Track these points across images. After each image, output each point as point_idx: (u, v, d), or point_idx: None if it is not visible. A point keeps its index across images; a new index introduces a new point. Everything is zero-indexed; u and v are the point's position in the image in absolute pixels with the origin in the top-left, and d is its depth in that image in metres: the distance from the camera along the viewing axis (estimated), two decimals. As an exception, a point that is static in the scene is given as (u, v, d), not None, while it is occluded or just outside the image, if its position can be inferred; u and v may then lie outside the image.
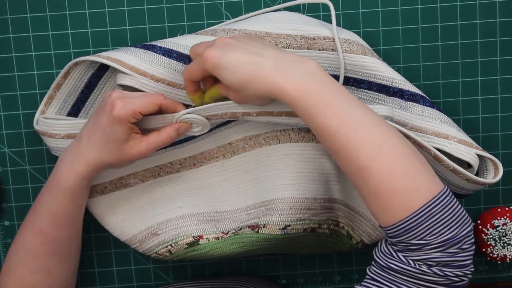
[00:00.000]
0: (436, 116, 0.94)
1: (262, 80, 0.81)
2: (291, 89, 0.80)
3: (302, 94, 0.80)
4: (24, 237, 0.93)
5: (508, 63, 1.01)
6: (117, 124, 0.86)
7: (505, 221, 1.01)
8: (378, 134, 0.78)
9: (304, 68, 0.81)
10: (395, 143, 0.78)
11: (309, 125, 0.81)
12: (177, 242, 0.97)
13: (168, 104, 0.89)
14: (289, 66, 0.81)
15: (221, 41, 0.84)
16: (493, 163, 0.93)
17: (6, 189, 1.04)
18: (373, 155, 0.77)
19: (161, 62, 0.92)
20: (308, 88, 0.80)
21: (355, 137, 0.78)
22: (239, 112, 0.89)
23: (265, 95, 0.82)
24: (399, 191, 0.76)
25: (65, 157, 0.91)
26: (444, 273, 0.75)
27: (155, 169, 0.99)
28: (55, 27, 1.00)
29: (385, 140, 0.78)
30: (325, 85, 0.80)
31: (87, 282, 1.06)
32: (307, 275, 1.07)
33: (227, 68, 0.82)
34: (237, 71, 0.82)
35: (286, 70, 0.81)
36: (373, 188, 0.77)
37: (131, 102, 0.87)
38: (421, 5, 1.00)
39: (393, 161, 0.77)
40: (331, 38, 0.94)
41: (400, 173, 0.76)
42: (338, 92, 0.80)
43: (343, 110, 0.79)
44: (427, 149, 0.89)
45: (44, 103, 0.98)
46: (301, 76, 0.80)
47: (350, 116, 0.79)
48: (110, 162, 0.89)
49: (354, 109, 0.80)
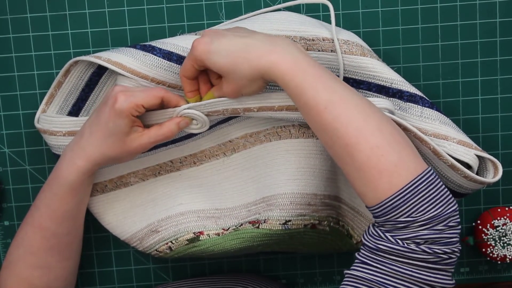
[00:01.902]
0: (435, 117, 0.94)
1: (254, 57, 0.82)
2: (282, 63, 0.81)
3: (293, 68, 0.81)
4: (25, 232, 0.93)
5: (508, 63, 1.01)
6: (119, 117, 0.87)
7: (505, 221, 1.01)
8: (364, 110, 0.80)
9: (294, 47, 0.83)
10: (380, 120, 0.80)
11: (297, 102, 0.82)
12: (178, 239, 0.97)
13: (170, 98, 0.90)
14: (279, 44, 0.83)
15: (210, 30, 0.86)
16: (492, 164, 0.93)
17: (6, 189, 1.04)
18: (361, 131, 0.78)
19: (161, 65, 0.92)
20: (299, 63, 0.81)
21: (344, 114, 0.79)
22: (240, 108, 0.90)
23: (257, 73, 0.83)
24: (387, 167, 0.77)
25: (67, 153, 0.91)
26: (432, 251, 0.75)
27: (156, 167, 0.99)
28: (55, 27, 1.00)
29: (372, 117, 0.79)
30: (314, 63, 0.82)
31: (87, 282, 1.07)
32: (307, 275, 1.07)
33: (217, 52, 0.84)
34: (229, 54, 0.83)
35: (276, 46, 0.82)
36: (360, 163, 0.78)
37: (134, 95, 0.88)
38: (421, 5, 1.00)
39: (380, 136, 0.78)
40: (330, 39, 0.94)
41: (387, 148, 0.77)
42: (325, 71, 0.82)
43: (333, 87, 0.80)
44: (426, 142, 0.89)
45: (45, 101, 0.98)
46: (291, 52, 0.82)
47: (339, 93, 0.80)
48: (111, 155, 0.89)
49: (341, 87, 0.81)
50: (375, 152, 0.77)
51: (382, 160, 0.77)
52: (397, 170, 0.77)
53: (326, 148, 0.82)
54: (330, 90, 0.80)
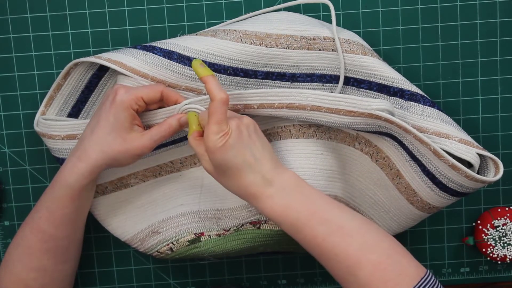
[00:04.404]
0: (436, 115, 0.94)
1: (248, 191, 0.86)
2: (274, 209, 0.85)
3: (285, 211, 0.85)
4: (23, 234, 0.93)
5: (508, 63, 1.01)
6: (120, 109, 0.87)
7: (505, 221, 1.01)
8: (361, 230, 0.83)
9: (285, 180, 0.86)
10: (377, 235, 0.83)
11: (295, 237, 0.85)
12: (179, 240, 0.97)
13: (169, 92, 0.90)
14: (276, 182, 0.85)
15: (237, 131, 0.85)
16: (493, 162, 0.93)
17: (6, 189, 1.04)
18: (361, 251, 0.82)
19: (161, 64, 0.92)
20: (291, 206, 0.85)
21: (342, 241, 0.82)
22: (240, 104, 0.90)
23: (246, 200, 0.87)
24: (391, 277, 0.80)
25: (69, 157, 0.91)
26: None
27: (156, 168, 0.99)
28: (55, 27, 1.00)
29: (369, 234, 0.83)
30: (307, 195, 0.85)
31: (87, 282, 1.06)
32: (307, 275, 1.07)
33: (221, 159, 0.85)
34: (230, 168, 0.85)
35: (272, 185, 0.85)
36: (364, 280, 0.81)
37: (134, 88, 0.89)
38: (421, 5, 1.00)
39: (380, 251, 0.81)
40: (331, 39, 0.94)
41: (388, 261, 0.81)
42: (319, 200, 0.85)
43: (328, 219, 0.84)
44: (427, 143, 0.89)
45: (45, 104, 0.98)
46: (287, 194, 0.85)
47: (335, 223, 0.83)
48: (112, 155, 0.89)
49: (337, 213, 0.84)
50: (378, 267, 0.81)
51: (385, 272, 0.80)
52: (401, 278, 0.80)
53: (328, 270, 0.85)
54: (325, 223, 0.83)
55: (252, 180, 0.85)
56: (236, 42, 0.93)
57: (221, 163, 0.84)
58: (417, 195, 0.95)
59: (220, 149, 0.84)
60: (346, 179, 0.97)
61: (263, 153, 0.86)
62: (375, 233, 0.83)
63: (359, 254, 0.81)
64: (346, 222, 0.83)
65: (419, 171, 0.93)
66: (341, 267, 0.82)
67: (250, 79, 0.94)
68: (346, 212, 0.85)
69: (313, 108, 0.89)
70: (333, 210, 0.84)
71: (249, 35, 0.93)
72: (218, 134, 0.83)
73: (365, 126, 0.90)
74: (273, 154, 0.88)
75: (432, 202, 0.95)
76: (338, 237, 0.82)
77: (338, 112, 0.89)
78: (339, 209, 0.85)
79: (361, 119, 0.89)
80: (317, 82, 0.95)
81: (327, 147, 0.95)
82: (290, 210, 0.84)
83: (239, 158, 0.84)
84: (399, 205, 0.97)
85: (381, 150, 0.95)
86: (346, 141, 0.96)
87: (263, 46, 0.93)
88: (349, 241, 0.82)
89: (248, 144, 0.85)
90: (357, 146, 0.96)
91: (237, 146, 0.84)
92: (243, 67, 0.93)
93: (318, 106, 0.89)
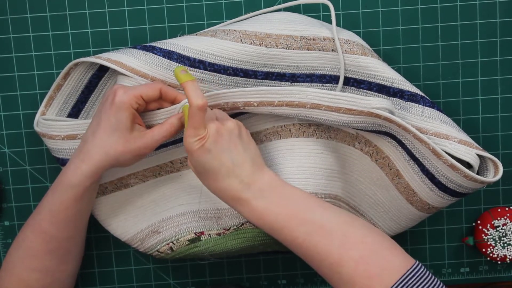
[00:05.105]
0: (436, 116, 0.94)
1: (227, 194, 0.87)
2: (253, 210, 0.86)
3: (263, 213, 0.85)
4: (25, 235, 0.93)
5: (508, 63, 1.01)
6: (120, 109, 0.87)
7: (505, 221, 1.01)
8: (343, 227, 0.83)
9: (264, 183, 0.86)
10: (361, 231, 0.83)
11: (277, 239, 0.86)
12: (179, 239, 0.97)
13: (168, 90, 0.91)
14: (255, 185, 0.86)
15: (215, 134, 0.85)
16: (493, 163, 0.93)
17: (6, 189, 1.04)
18: (342, 248, 0.82)
19: (161, 64, 0.92)
20: (269, 208, 0.85)
21: (323, 239, 0.83)
22: (241, 102, 0.90)
23: (225, 201, 0.88)
24: (375, 272, 0.80)
25: (72, 159, 0.91)
26: None
27: (156, 168, 0.99)
28: (55, 27, 1.00)
29: (351, 231, 0.83)
30: (286, 197, 0.86)
31: (87, 282, 1.06)
32: (307, 275, 1.07)
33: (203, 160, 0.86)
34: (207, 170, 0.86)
35: (250, 189, 0.86)
36: (348, 276, 0.81)
37: (132, 88, 0.89)
38: (421, 5, 1.00)
39: (363, 247, 0.82)
40: (331, 39, 0.94)
41: (372, 256, 0.81)
42: (300, 200, 0.86)
43: (308, 219, 0.84)
44: (426, 143, 0.89)
45: (45, 104, 0.98)
46: (260, 196, 0.86)
47: (315, 222, 0.84)
48: (115, 155, 0.89)
49: (317, 212, 0.85)
50: (360, 263, 0.81)
51: (369, 268, 0.81)
52: (386, 272, 0.80)
53: (314, 269, 0.85)
54: (305, 223, 0.84)
55: (229, 183, 0.86)
56: (236, 42, 0.93)
57: (198, 165, 0.86)
58: (416, 195, 0.95)
59: (197, 152, 0.85)
60: (346, 178, 0.97)
61: (244, 157, 0.87)
62: (359, 229, 0.84)
63: (341, 252, 0.82)
64: (327, 221, 0.84)
65: (418, 170, 0.93)
66: (324, 265, 0.83)
67: (250, 79, 0.94)
68: (328, 210, 0.85)
69: (312, 106, 0.89)
70: (314, 210, 0.85)
71: (249, 35, 0.93)
72: (194, 137, 0.85)
73: (364, 125, 0.90)
74: (257, 158, 0.88)
75: (432, 202, 0.95)
76: (319, 236, 0.83)
77: (338, 110, 0.89)
78: (321, 207, 0.85)
79: (360, 117, 0.89)
80: (317, 82, 0.95)
81: (327, 147, 0.95)
82: (268, 213, 0.85)
83: (216, 162, 0.85)
84: (399, 205, 0.97)
85: (380, 150, 0.95)
86: (346, 141, 0.96)
87: (263, 46, 0.93)
88: (330, 239, 0.82)
89: (227, 148, 0.86)
90: (357, 146, 0.96)
91: (214, 150, 0.85)
92: (243, 67, 0.93)
93: (318, 104, 0.89)
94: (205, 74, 0.93)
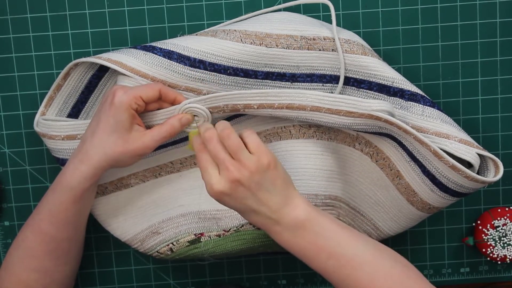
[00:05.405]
0: (436, 115, 0.94)
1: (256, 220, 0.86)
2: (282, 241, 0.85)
3: (293, 245, 0.85)
4: (25, 235, 0.93)
5: (508, 63, 1.01)
6: (120, 110, 0.87)
7: (505, 222, 1.01)
8: (372, 260, 0.83)
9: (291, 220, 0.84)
10: (389, 262, 0.83)
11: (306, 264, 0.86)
12: (179, 240, 0.97)
13: (168, 91, 0.90)
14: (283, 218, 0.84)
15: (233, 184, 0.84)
16: (493, 163, 0.93)
17: (6, 189, 1.04)
18: (372, 282, 0.82)
19: (161, 64, 0.92)
20: (297, 243, 0.85)
21: (352, 273, 0.83)
22: (240, 104, 0.90)
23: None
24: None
25: (71, 159, 0.91)
26: None
27: (156, 169, 0.99)
28: (55, 27, 1.00)
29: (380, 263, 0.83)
30: (315, 232, 0.84)
31: (87, 282, 1.06)
32: (307, 275, 1.07)
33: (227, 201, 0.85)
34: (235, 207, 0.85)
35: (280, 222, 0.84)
36: None
37: (132, 88, 0.89)
38: (421, 5, 1.00)
39: (391, 280, 0.82)
40: (331, 39, 0.94)
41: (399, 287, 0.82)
42: (329, 233, 0.84)
43: (337, 252, 0.83)
44: (427, 144, 0.89)
45: (44, 104, 0.98)
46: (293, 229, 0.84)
47: (344, 255, 0.83)
48: (114, 156, 0.89)
49: (347, 244, 0.84)
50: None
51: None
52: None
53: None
54: (334, 257, 0.83)
55: (257, 220, 0.85)
56: (236, 42, 0.93)
57: (220, 202, 0.85)
58: (417, 196, 0.95)
59: (215, 196, 0.84)
60: (346, 179, 0.97)
61: (270, 194, 0.84)
62: (387, 260, 0.84)
63: (370, 286, 0.82)
64: (356, 254, 0.83)
65: (419, 171, 0.93)
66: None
67: (250, 79, 0.94)
68: (357, 241, 0.84)
69: (313, 109, 0.89)
70: (343, 242, 0.84)
71: (249, 35, 0.93)
72: None
73: (365, 127, 0.90)
74: (284, 190, 0.85)
75: (432, 202, 0.95)
76: (348, 270, 0.83)
77: (338, 112, 0.89)
78: (350, 238, 0.84)
79: (361, 120, 0.89)
80: (317, 82, 0.95)
81: (327, 148, 0.95)
82: (297, 245, 0.85)
83: (238, 204, 0.84)
84: (399, 205, 0.97)
85: (381, 151, 0.95)
86: (346, 142, 0.96)
87: (263, 46, 0.93)
88: (360, 273, 0.82)
89: (248, 192, 0.84)
90: (357, 147, 0.96)
91: (234, 195, 0.84)
92: (243, 67, 0.93)
93: (318, 106, 0.89)
94: (205, 74, 0.92)
